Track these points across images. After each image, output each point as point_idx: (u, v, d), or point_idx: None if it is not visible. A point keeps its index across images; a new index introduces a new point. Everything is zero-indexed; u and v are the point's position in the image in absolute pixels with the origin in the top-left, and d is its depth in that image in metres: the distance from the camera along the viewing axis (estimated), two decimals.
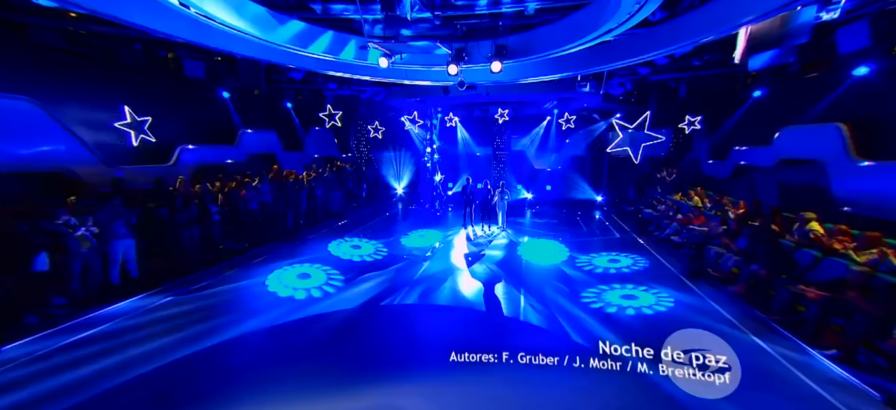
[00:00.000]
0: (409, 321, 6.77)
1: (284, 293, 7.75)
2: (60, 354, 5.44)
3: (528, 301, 7.31)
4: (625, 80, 12.50)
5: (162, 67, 11.03)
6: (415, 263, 9.61)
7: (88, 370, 5.06)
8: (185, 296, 7.37)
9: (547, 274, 8.96)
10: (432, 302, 7.30)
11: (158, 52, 10.50)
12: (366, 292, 7.79)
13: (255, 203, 10.65)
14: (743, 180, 12.54)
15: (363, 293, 7.74)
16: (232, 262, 9.25)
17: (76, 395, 4.60)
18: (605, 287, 8.12)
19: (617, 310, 7.09)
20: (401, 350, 5.78)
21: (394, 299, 7.50)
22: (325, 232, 12.75)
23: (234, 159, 13.03)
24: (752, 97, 12.47)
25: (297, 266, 9.18)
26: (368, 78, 9.50)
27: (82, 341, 5.78)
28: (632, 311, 7.08)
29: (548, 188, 19.47)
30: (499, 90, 13.11)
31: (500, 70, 7.53)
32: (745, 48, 5.34)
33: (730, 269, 8.45)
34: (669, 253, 10.65)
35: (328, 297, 7.63)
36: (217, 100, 13.03)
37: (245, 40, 7.25)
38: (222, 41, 7.35)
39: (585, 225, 14.50)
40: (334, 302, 7.41)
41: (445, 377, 5.03)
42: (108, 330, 6.08)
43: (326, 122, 13.95)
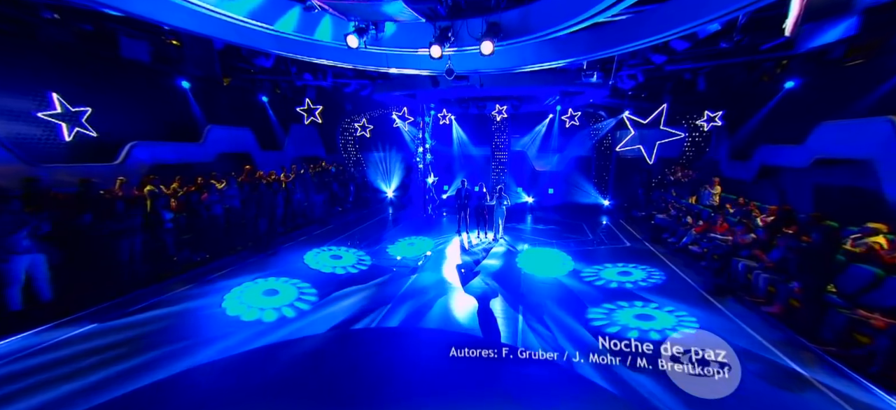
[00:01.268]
0: (389, 349, 5.89)
1: (244, 314, 6.78)
2: None
3: (527, 322, 6.62)
4: (636, 71, 11.37)
5: (101, 48, 9.22)
6: (401, 276, 8.88)
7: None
8: (115, 323, 6.22)
9: (549, 288, 8.26)
10: (417, 325, 6.54)
11: (79, 24, 8.62)
12: (341, 312, 6.97)
13: (220, 207, 9.57)
14: (769, 183, 11.44)
15: (338, 313, 6.94)
16: (186, 277, 8.18)
17: None
18: (615, 305, 7.39)
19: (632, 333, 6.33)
20: (374, 389, 4.89)
21: (373, 320, 6.70)
22: (302, 240, 11.84)
23: (201, 159, 11.89)
24: (782, 89, 11.33)
25: (264, 280, 8.31)
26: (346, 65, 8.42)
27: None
28: (652, 335, 6.29)
29: (550, 191, 18.56)
30: (494, 81, 12.00)
31: (491, 52, 6.47)
32: (800, 16, 4.22)
33: (765, 287, 7.36)
34: (688, 264, 9.78)
35: (295, 320, 6.70)
36: (178, 92, 11.77)
37: (182, 8, 6.09)
38: (152, 7, 6.17)
39: (591, 231, 13.60)
40: (303, 324, 6.55)
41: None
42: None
43: (305, 118, 12.80)
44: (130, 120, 10.23)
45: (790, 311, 6.61)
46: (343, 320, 6.66)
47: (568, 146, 18.21)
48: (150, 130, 10.68)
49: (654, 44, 7.47)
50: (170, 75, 10.86)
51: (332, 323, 6.56)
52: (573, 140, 18.14)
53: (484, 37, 6.46)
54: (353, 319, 6.71)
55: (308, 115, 12.58)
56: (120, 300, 6.86)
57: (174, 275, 8.05)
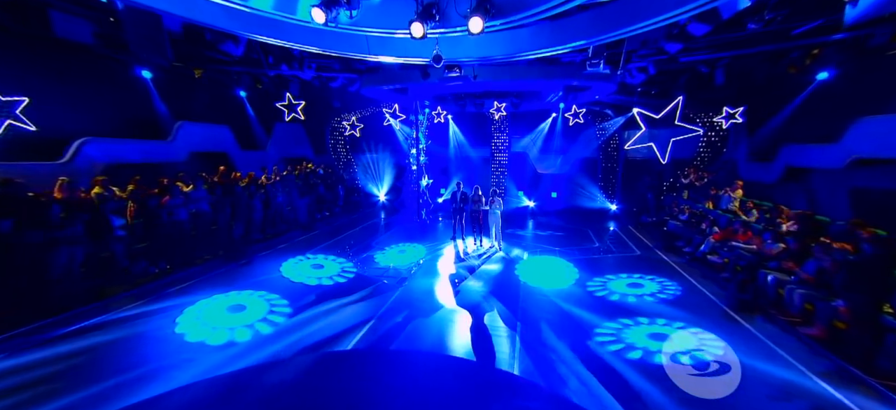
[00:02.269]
0: (365, 378, 5.09)
1: (203, 336, 5.96)
2: None
3: (526, 342, 5.96)
4: (647, 63, 10.44)
5: (30, 27, 7.76)
6: (387, 288, 8.17)
7: None
8: (32, 354, 5.23)
9: (550, 302, 7.56)
10: (401, 346, 5.83)
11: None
12: (315, 331, 6.24)
13: (185, 212, 8.72)
14: (795, 186, 10.50)
15: (311, 332, 6.19)
16: (136, 292, 7.30)
17: None
18: (627, 321, 6.69)
19: (643, 356, 5.65)
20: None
21: (349, 341, 5.91)
22: (282, 247, 11.04)
23: (170, 158, 10.98)
24: (814, 81, 10.36)
25: (232, 294, 7.55)
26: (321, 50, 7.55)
27: None
28: (665, 359, 5.56)
29: (553, 195, 17.75)
30: (489, 74, 11.09)
31: (480, 30, 5.61)
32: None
33: (802, 304, 6.45)
34: (706, 276, 8.97)
35: (259, 342, 5.90)
36: (137, 82, 10.61)
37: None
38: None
39: (597, 238, 12.74)
40: (268, 347, 5.78)
41: None
42: None
43: (286, 114, 11.92)
44: (80, 113, 9.25)
45: (835, 334, 5.75)
46: (315, 341, 5.91)
47: (572, 147, 17.36)
48: (106, 126, 9.69)
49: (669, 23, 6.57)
50: (126, 63, 9.83)
51: (303, 344, 5.84)
52: (578, 140, 17.29)
53: (472, 13, 5.59)
54: (327, 340, 5.95)
55: (289, 111, 11.70)
56: (46, 323, 5.89)
57: (123, 291, 7.15)
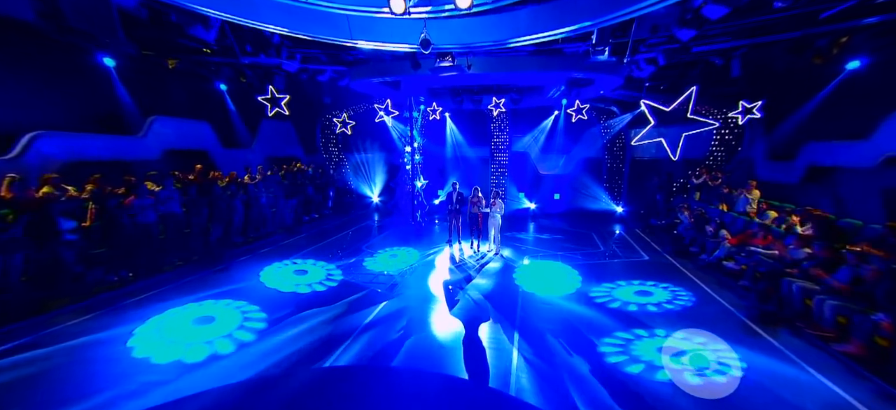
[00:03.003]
0: (342, 401, 4.47)
1: (158, 354, 5.32)
2: None
3: (523, 357, 5.44)
4: (656, 53, 9.73)
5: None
6: (374, 296, 7.55)
7: None
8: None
9: (551, 312, 7.04)
10: (384, 363, 5.28)
11: None
12: (289, 344, 5.69)
13: (153, 214, 8.10)
14: (819, 187, 9.74)
15: (284, 346, 5.64)
16: (86, 304, 6.62)
17: None
18: (634, 333, 6.13)
19: (654, 373, 5.09)
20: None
21: (327, 358, 5.32)
22: (266, 251, 10.44)
23: (141, 156, 10.30)
24: (842, 71, 9.57)
25: (202, 303, 6.96)
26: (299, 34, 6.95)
27: None
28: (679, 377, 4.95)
29: (556, 196, 17.06)
30: (485, 63, 10.42)
31: (469, 5, 4.98)
32: None
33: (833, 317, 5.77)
34: (722, 283, 8.32)
35: (223, 359, 5.29)
36: (100, 71, 9.69)
37: None
38: None
39: (602, 242, 12.08)
40: (236, 363, 5.20)
41: None
42: None
43: (269, 109, 11.22)
44: (32, 104, 8.50)
45: (877, 352, 5.08)
46: (289, 358, 5.31)
47: (576, 146, 16.72)
48: (63, 118, 8.94)
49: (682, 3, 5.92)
50: (84, 49, 9.02)
51: (273, 359, 5.24)
52: (582, 139, 16.65)
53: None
54: (302, 357, 5.35)
55: (273, 106, 11.04)
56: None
57: (71, 303, 6.47)
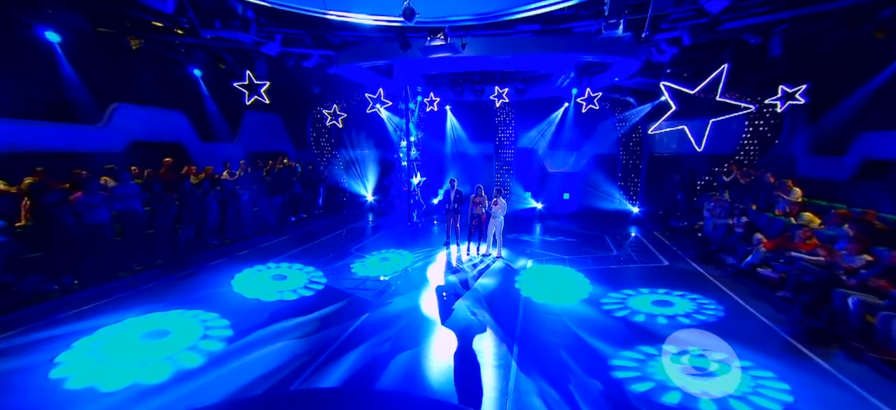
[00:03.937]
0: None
1: (88, 379, 4.56)
2: None
3: (523, 373, 4.85)
4: (680, 31, 8.57)
5: None
6: (358, 305, 6.84)
7: None
8: None
9: (556, 322, 6.33)
10: (365, 384, 4.67)
11: None
12: (256, 363, 4.99)
13: (106, 212, 7.27)
14: (875, 185, 8.50)
15: (251, 365, 4.94)
16: (17, 316, 5.84)
17: None
18: (653, 349, 5.38)
19: (676, 398, 4.41)
20: None
21: (295, 381, 4.61)
22: (243, 254, 9.65)
23: (102, 148, 9.42)
24: None
25: (156, 315, 6.20)
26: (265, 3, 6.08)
27: None
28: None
29: (566, 196, 16.06)
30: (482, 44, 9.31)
31: None
32: None
33: None
34: (757, 294, 7.39)
35: (178, 380, 4.62)
36: (44, 49, 8.64)
37: None
38: None
39: (616, 246, 11.08)
40: (188, 388, 4.50)
41: None
42: None
43: (246, 96, 10.26)
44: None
45: None
46: (254, 378, 4.63)
47: (587, 142, 15.66)
48: (4, 104, 8.05)
49: None
50: (20, 21, 7.94)
51: (236, 384, 4.52)
52: (594, 134, 15.57)
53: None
54: (270, 376, 4.66)
55: (251, 94, 10.13)
56: None
57: None
